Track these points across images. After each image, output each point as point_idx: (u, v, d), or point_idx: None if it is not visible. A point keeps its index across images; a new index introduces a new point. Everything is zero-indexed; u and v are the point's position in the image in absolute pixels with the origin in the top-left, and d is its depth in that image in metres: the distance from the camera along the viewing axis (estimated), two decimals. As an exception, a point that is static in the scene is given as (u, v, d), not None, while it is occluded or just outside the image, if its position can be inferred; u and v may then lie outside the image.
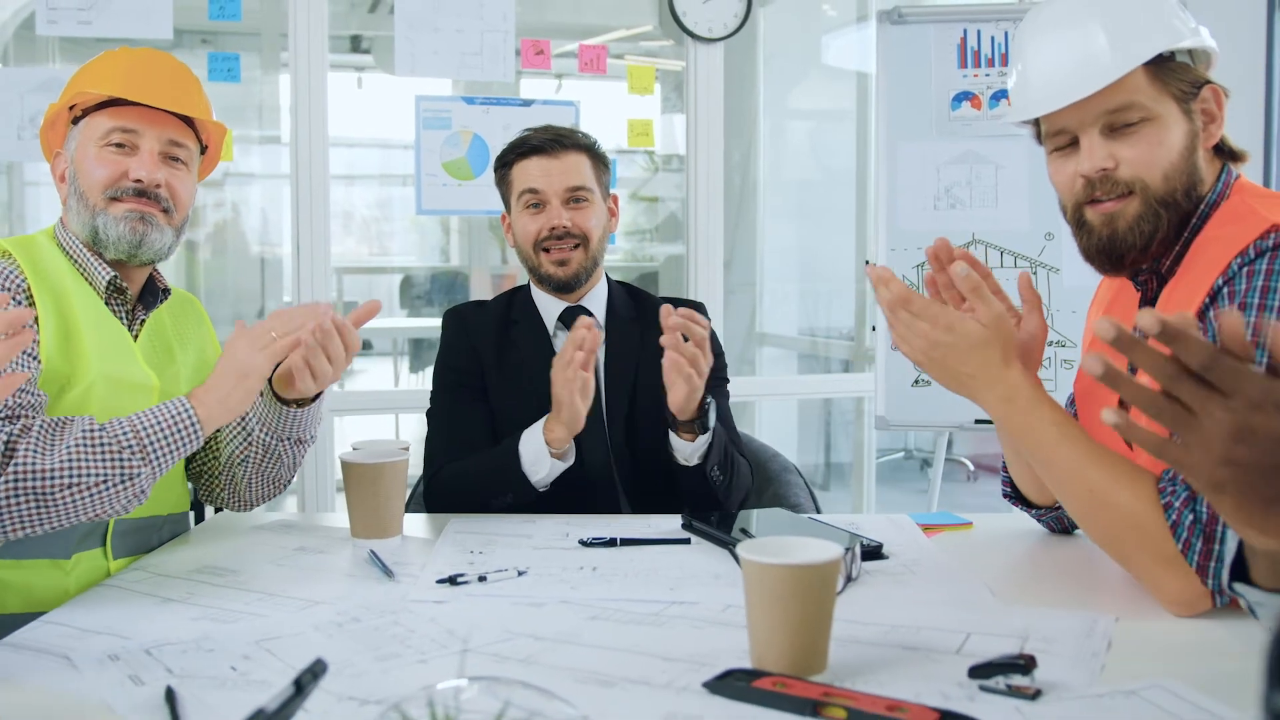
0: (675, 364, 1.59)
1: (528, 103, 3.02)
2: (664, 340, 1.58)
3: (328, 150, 2.94)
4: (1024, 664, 0.97)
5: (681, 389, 1.61)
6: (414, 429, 5.63)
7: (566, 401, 1.60)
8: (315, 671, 0.73)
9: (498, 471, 1.67)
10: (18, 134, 2.72)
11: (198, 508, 1.74)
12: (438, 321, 1.92)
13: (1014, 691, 0.94)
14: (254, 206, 4.76)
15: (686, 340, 1.59)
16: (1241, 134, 1.37)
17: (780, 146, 4.50)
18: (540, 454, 1.64)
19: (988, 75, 2.78)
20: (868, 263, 1.59)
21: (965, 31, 2.80)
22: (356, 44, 5.53)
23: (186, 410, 1.34)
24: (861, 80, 3.88)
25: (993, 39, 2.79)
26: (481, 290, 4.85)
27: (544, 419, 1.65)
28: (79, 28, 2.73)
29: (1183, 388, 0.80)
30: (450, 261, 7.72)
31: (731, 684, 0.95)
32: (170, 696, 0.95)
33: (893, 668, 1.02)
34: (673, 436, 1.69)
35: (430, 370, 1.97)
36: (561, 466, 1.67)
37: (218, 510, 1.69)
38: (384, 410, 3.79)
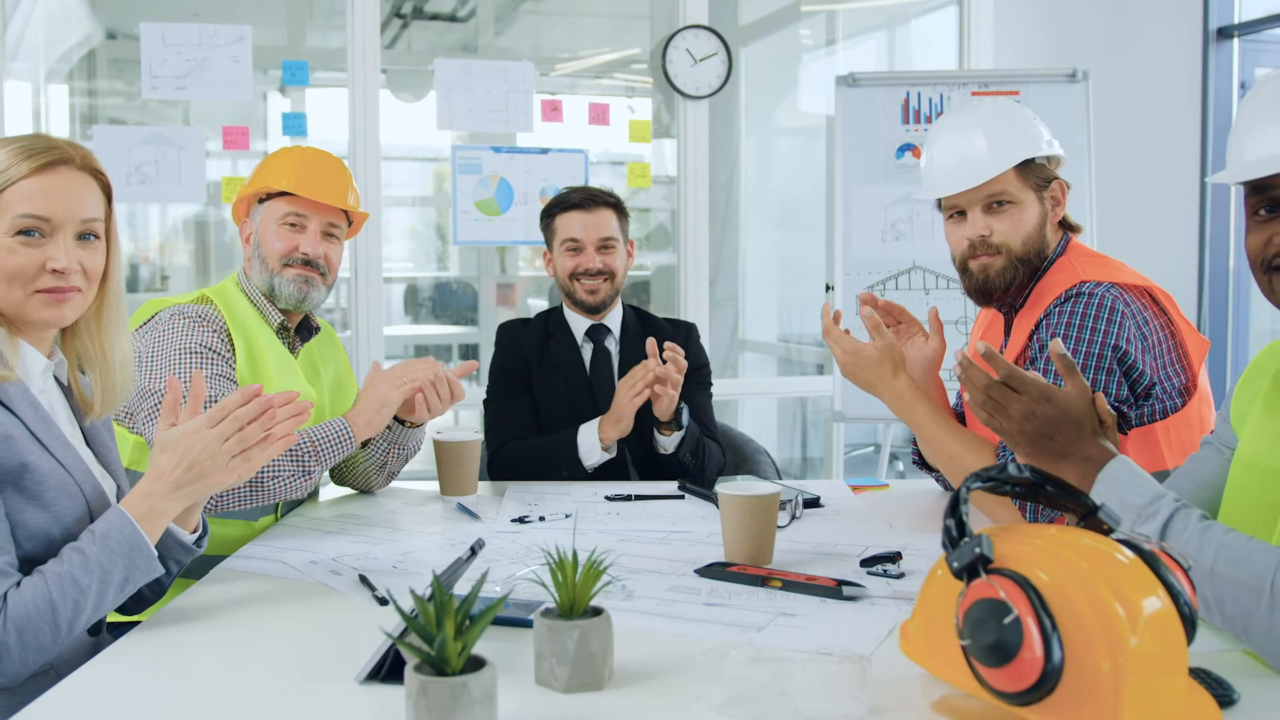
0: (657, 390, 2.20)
1: (545, 151, 3.60)
2: (650, 366, 2.20)
3: (379, 169, 3.47)
4: (895, 557, 1.56)
5: (661, 403, 2.22)
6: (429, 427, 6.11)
7: (627, 415, 2.21)
8: (481, 543, 1.31)
9: (557, 454, 2.27)
10: (126, 180, 3.29)
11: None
12: (442, 329, 2.53)
13: (886, 573, 1.53)
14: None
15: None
16: (1181, 167, 1.89)
17: (762, 171, 5.03)
18: (593, 447, 2.26)
19: (926, 130, 3.38)
20: (828, 288, 2.17)
21: (908, 93, 3.40)
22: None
23: (345, 428, 1.92)
24: (830, 122, 4.44)
25: (930, 100, 3.39)
26: (488, 298, 5.40)
27: (598, 419, 2.26)
28: (176, 92, 3.30)
29: (994, 389, 1.40)
30: (449, 271, 8.22)
31: (713, 569, 1.54)
32: (364, 579, 1.53)
33: (814, 563, 1.60)
34: (655, 432, 2.30)
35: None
36: (607, 457, 2.28)
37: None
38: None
